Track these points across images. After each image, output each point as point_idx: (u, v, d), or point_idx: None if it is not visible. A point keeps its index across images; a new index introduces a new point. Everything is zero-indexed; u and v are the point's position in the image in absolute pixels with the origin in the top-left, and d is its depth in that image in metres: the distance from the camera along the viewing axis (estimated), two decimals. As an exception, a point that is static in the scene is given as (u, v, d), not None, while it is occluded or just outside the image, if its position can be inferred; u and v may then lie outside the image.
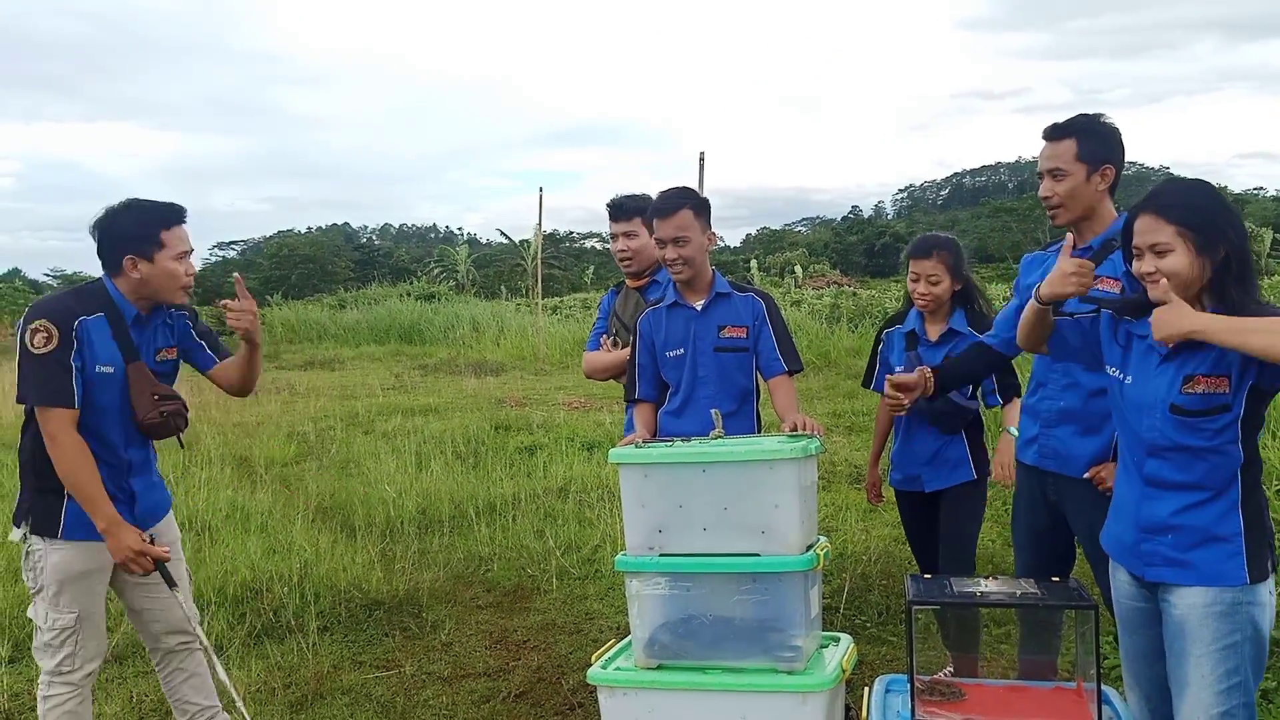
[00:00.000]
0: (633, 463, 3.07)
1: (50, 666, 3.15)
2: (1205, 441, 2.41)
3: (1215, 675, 2.39)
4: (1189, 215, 2.42)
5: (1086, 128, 3.09)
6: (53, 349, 2.97)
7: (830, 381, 13.00)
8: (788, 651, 2.93)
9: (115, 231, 3.13)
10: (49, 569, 3.09)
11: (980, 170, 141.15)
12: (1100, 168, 3.07)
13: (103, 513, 3.02)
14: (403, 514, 6.87)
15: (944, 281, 3.81)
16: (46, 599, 3.12)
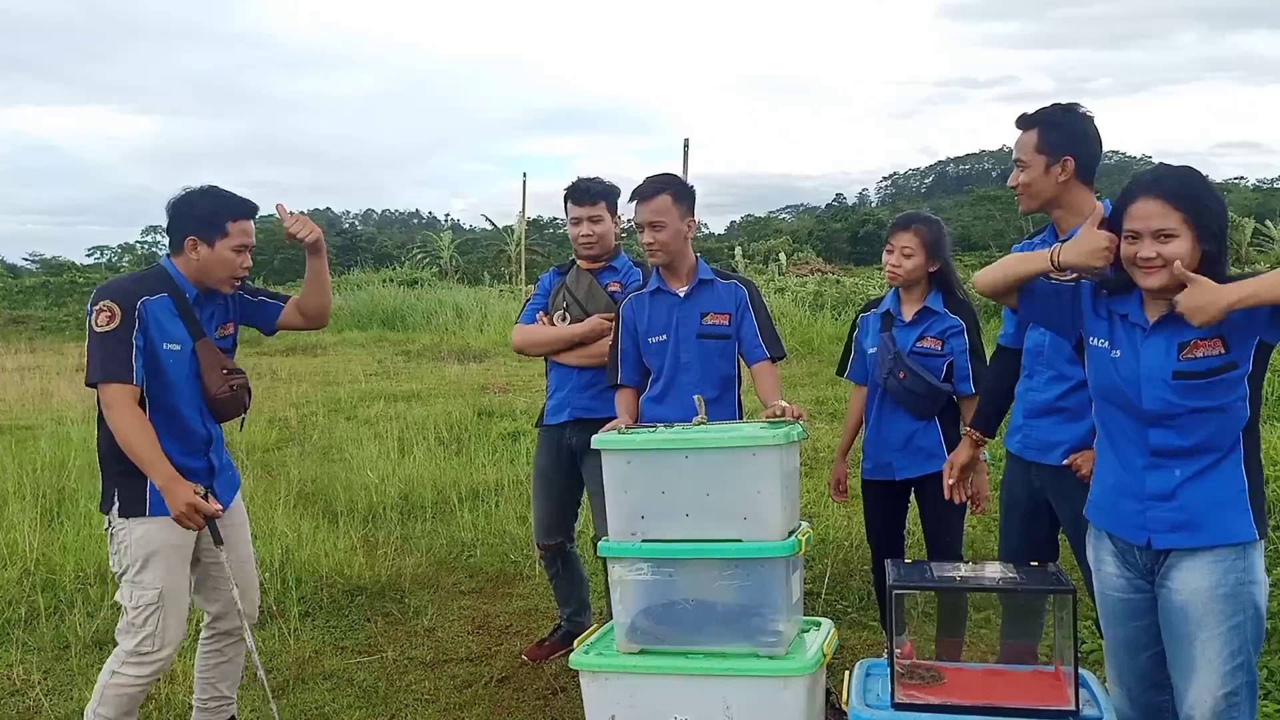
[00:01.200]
0: (616, 449, 3.07)
1: (130, 646, 3.17)
2: (1214, 401, 2.43)
3: (1221, 657, 2.42)
4: (1193, 204, 2.43)
5: (1049, 119, 3.10)
6: (114, 327, 3.04)
7: (813, 368, 13.03)
8: (769, 636, 2.94)
9: (185, 211, 3.22)
10: (134, 544, 3.13)
11: (964, 158, 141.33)
12: (1059, 159, 3.07)
13: (160, 470, 3.06)
14: (385, 500, 6.86)
15: (917, 256, 3.72)
16: (130, 578, 3.16)
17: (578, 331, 4.10)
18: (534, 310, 4.28)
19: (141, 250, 65.68)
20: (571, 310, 4.15)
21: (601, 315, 4.08)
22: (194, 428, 3.24)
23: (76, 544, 5.78)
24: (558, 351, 4.17)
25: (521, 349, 4.34)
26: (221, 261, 3.21)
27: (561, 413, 4.17)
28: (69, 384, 13.53)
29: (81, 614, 4.96)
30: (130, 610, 3.18)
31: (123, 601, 3.20)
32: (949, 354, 3.75)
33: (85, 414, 10.90)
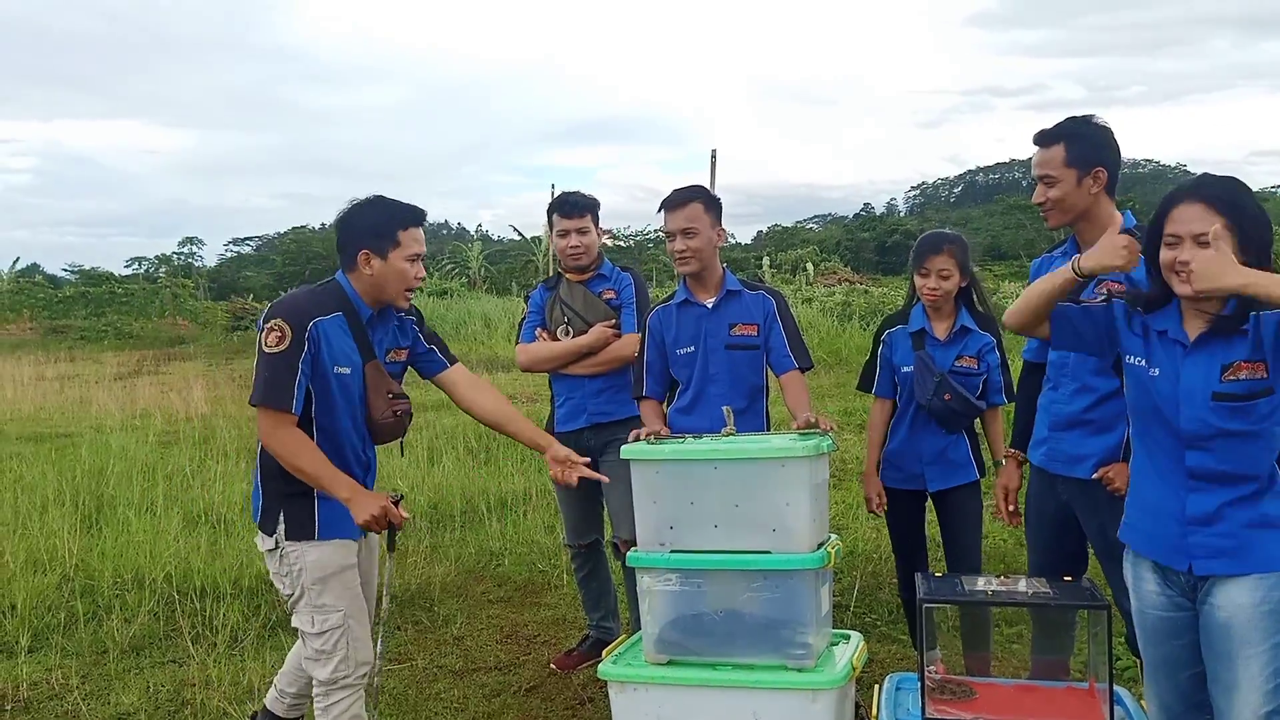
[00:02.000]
0: (645, 459, 3.08)
1: (325, 676, 3.06)
2: (1250, 425, 2.38)
3: (1264, 675, 2.37)
4: (1235, 210, 2.40)
5: (1074, 132, 3.09)
6: (283, 349, 2.93)
7: (841, 379, 12.98)
8: (798, 649, 2.94)
9: (356, 225, 3.11)
10: (309, 568, 3.02)
11: (994, 167, 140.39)
12: (1091, 171, 3.06)
13: (342, 483, 2.98)
14: (414, 509, 6.90)
15: (954, 276, 3.74)
16: (311, 603, 3.05)
17: (585, 342, 4.15)
18: (533, 327, 4.32)
19: (178, 261, 66.36)
20: (574, 324, 4.21)
21: (603, 324, 4.18)
22: (353, 451, 3.16)
23: (115, 550, 5.86)
24: (566, 365, 4.21)
25: (529, 367, 4.34)
26: (397, 273, 3.08)
27: (578, 418, 4.23)
28: (108, 393, 13.71)
29: (119, 619, 5.02)
30: (316, 637, 3.06)
31: (304, 628, 3.08)
32: (984, 370, 3.77)
33: (124, 422, 11.05)
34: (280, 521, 3.03)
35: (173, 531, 6.18)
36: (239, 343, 25.71)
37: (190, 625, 4.90)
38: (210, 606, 5.07)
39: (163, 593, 5.33)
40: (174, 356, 22.61)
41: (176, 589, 5.34)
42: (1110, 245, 2.59)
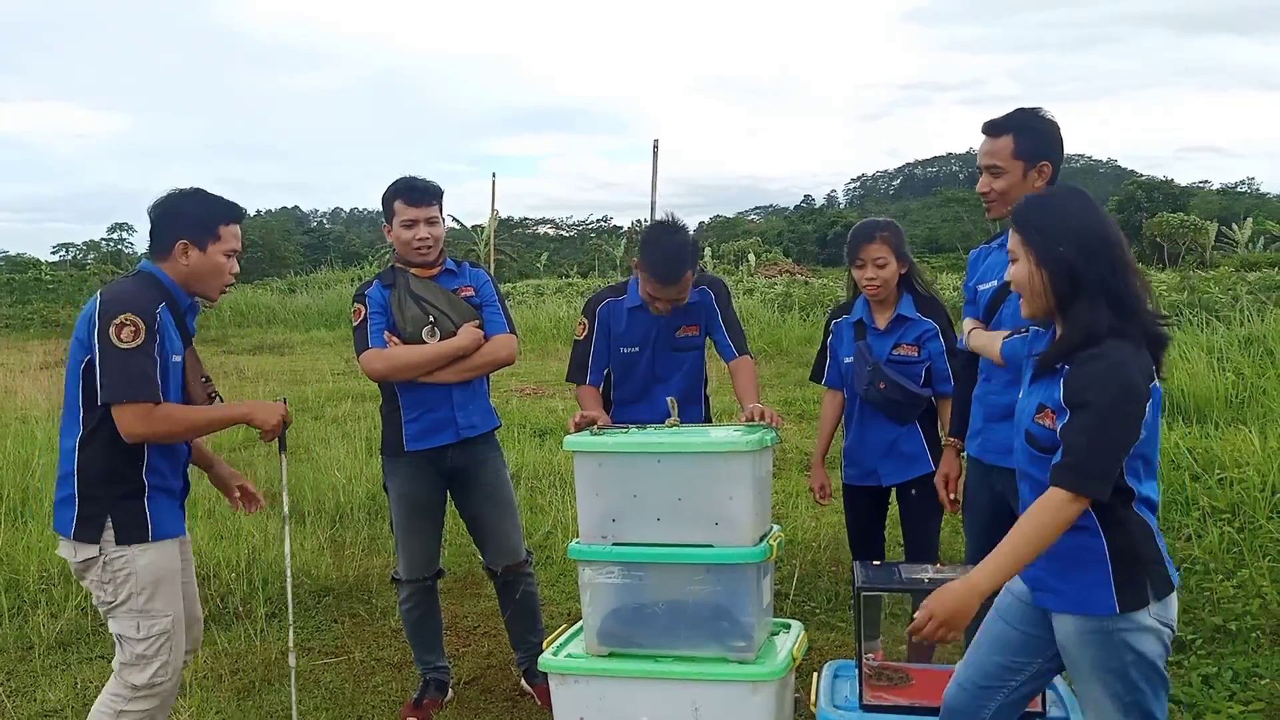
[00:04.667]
0: (588, 450, 3.07)
1: (142, 681, 2.99)
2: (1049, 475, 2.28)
3: (1107, 697, 2.32)
4: (1027, 227, 2.37)
5: (1023, 125, 3.11)
6: (140, 343, 2.87)
7: (781, 369, 13.08)
8: (739, 640, 2.96)
9: (176, 214, 3.08)
10: (140, 573, 2.94)
11: (931, 161, 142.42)
12: (1037, 164, 3.09)
13: (235, 411, 3.15)
14: (352, 500, 6.82)
15: (890, 264, 3.73)
16: (136, 608, 2.97)
17: (458, 345, 3.72)
18: (380, 330, 3.75)
19: (107, 248, 64.88)
20: (441, 324, 3.75)
21: (471, 324, 3.78)
22: (180, 444, 3.11)
23: (41, 544, 5.71)
24: (433, 371, 3.73)
25: (389, 375, 3.73)
26: (214, 267, 3.07)
27: (441, 434, 3.77)
28: (33, 382, 13.35)
29: (45, 614, 4.90)
30: (138, 642, 2.98)
31: (125, 633, 2.99)
32: (926, 359, 3.76)
33: (50, 412, 10.78)
34: (107, 527, 2.93)
35: (102, 524, 6.03)
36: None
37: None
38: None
39: (91, 587, 5.20)
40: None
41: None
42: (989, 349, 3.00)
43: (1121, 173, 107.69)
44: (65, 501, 2.97)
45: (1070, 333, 2.29)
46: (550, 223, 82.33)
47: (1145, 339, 2.28)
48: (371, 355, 3.72)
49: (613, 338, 3.89)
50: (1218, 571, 4.68)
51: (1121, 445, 2.19)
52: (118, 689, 3.02)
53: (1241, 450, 6.03)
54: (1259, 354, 9.05)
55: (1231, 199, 73.06)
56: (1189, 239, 43.64)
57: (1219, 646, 4.08)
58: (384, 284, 3.84)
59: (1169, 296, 14.74)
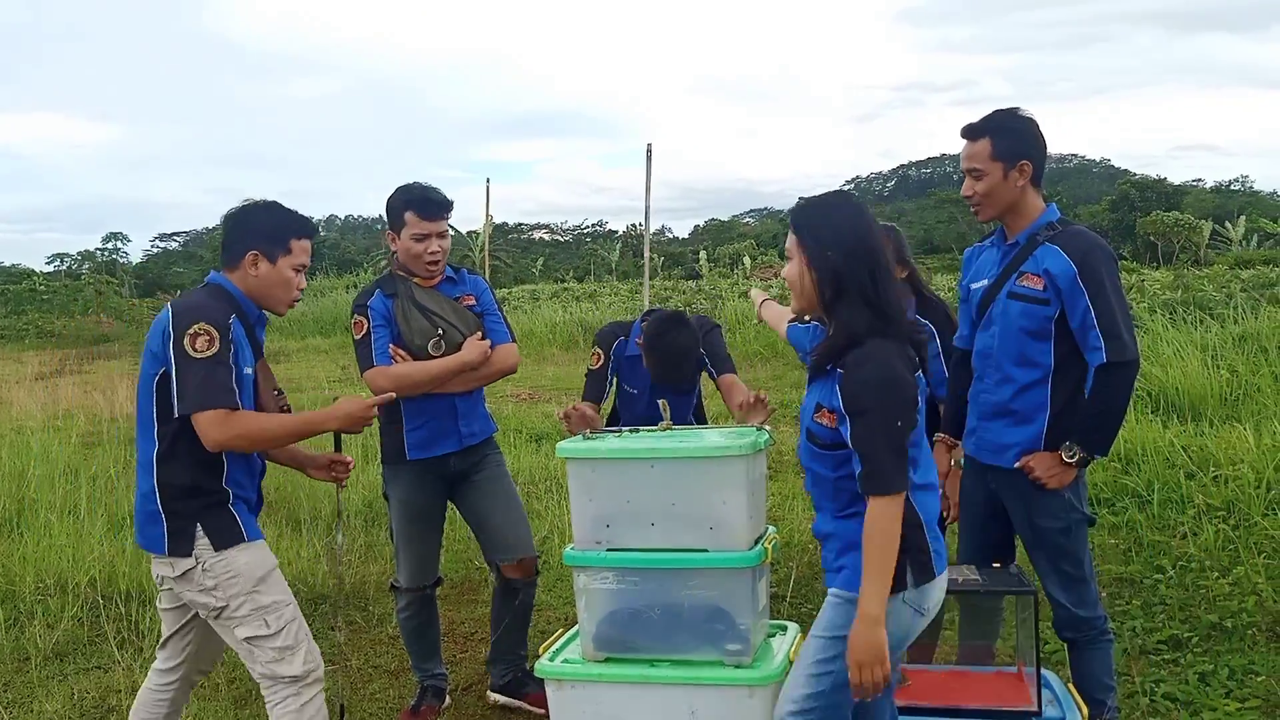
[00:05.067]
0: (581, 456, 3.07)
1: (298, 671, 2.95)
2: (828, 471, 2.46)
3: (813, 659, 2.45)
4: (798, 227, 2.50)
5: (999, 126, 3.13)
6: (216, 351, 2.83)
7: (777, 371, 13.09)
8: (736, 644, 2.95)
9: (249, 225, 3.06)
10: (244, 571, 2.91)
11: (926, 162, 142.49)
12: (1017, 164, 3.10)
13: (322, 413, 3.13)
14: (349, 507, 6.82)
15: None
16: (256, 605, 2.93)
17: (468, 360, 3.67)
18: (386, 346, 3.67)
19: (102, 257, 64.83)
20: (449, 336, 3.71)
21: (474, 336, 3.75)
22: (255, 458, 3.09)
23: (36, 555, 5.71)
24: (442, 385, 3.70)
25: (399, 391, 3.60)
26: (283, 280, 3.04)
27: (443, 443, 3.76)
28: (28, 393, 13.33)
29: (42, 625, 4.89)
30: (273, 637, 2.94)
31: (255, 634, 2.93)
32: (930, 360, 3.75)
33: (45, 423, 10.76)
34: (199, 536, 2.91)
35: (97, 535, 6.02)
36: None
37: (115, 630, 4.79)
38: (136, 611, 4.95)
39: (86, 597, 5.20)
40: (98, 355, 22.06)
41: (101, 593, 5.21)
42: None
43: (1115, 172, 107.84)
44: (151, 518, 2.92)
45: (836, 333, 2.42)
46: (545, 228, 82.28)
47: (908, 341, 2.42)
48: (377, 374, 3.64)
49: (620, 373, 4.14)
50: (1213, 569, 4.69)
51: (904, 434, 2.33)
52: (285, 692, 2.96)
53: (1236, 447, 6.04)
54: (1253, 351, 9.06)
55: (1225, 197, 73.10)
56: (1183, 237, 43.74)
57: (1215, 644, 4.08)
58: (386, 293, 3.75)
59: (1163, 295, 14.75)
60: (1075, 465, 3.02)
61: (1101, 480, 6.12)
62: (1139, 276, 21.47)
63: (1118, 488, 6.00)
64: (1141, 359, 3.24)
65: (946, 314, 3.82)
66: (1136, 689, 3.75)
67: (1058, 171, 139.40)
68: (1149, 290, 15.94)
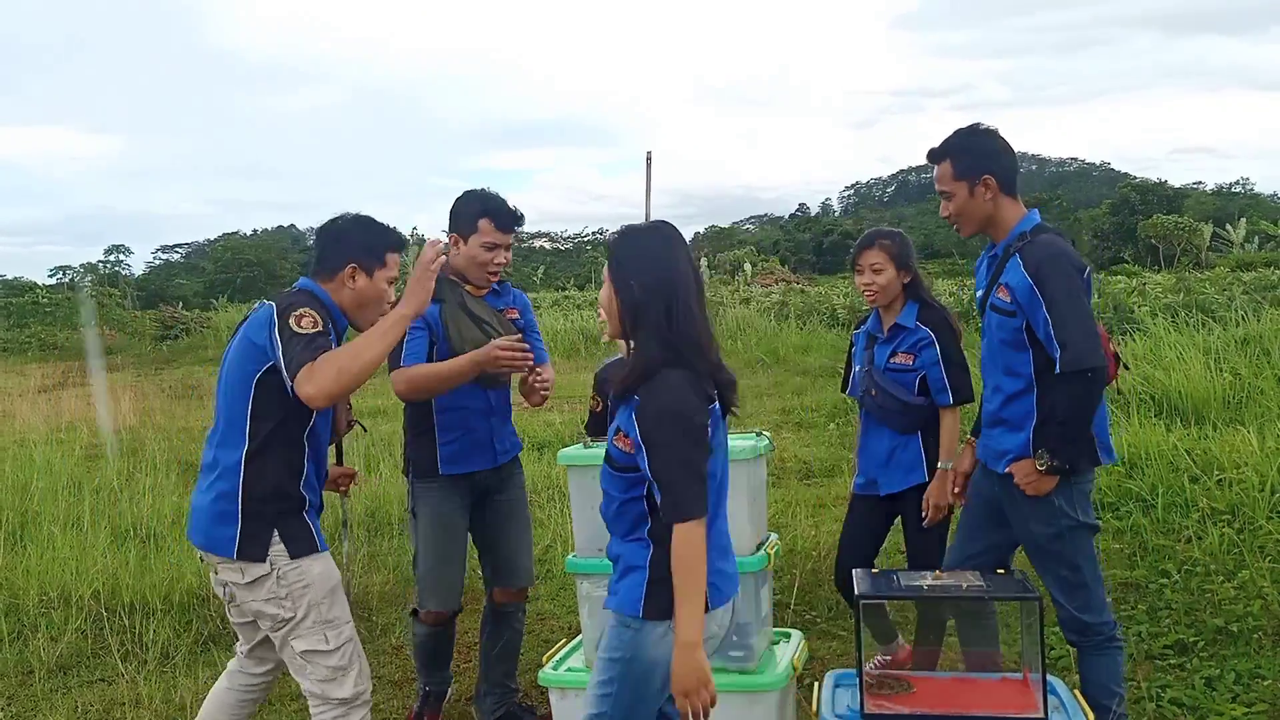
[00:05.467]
0: (581, 464, 3.07)
1: (348, 694, 2.92)
2: (618, 493, 2.46)
3: (595, 680, 2.47)
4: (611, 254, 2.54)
5: (957, 146, 3.19)
6: (320, 329, 2.80)
7: (779, 378, 13.08)
8: (739, 650, 2.95)
9: (347, 238, 3.05)
10: (317, 583, 2.88)
11: (926, 167, 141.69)
12: (980, 179, 3.14)
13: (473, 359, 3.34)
14: (352, 517, 6.80)
15: (887, 270, 3.74)
16: (321, 619, 2.89)
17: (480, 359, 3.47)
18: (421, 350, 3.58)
19: (104, 270, 64.91)
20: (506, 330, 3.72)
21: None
22: (324, 462, 3.09)
23: (40, 568, 5.71)
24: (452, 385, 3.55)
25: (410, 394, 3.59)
26: (377, 293, 3.03)
27: (478, 457, 3.71)
28: (31, 406, 13.35)
29: (45, 638, 4.89)
30: (331, 654, 2.90)
31: (315, 648, 2.89)
32: (920, 368, 3.72)
33: (48, 436, 10.77)
34: (275, 542, 2.86)
35: (100, 547, 6.02)
36: (168, 352, 25.20)
37: (119, 643, 4.79)
38: (140, 623, 4.95)
39: (90, 610, 5.19)
40: (99, 367, 22.09)
41: (105, 606, 5.21)
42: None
43: (1115, 175, 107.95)
44: (223, 519, 2.85)
45: (634, 361, 2.42)
46: (546, 236, 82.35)
47: (711, 379, 2.41)
48: (396, 375, 3.55)
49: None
50: (1218, 573, 4.68)
51: (700, 460, 2.34)
52: (332, 714, 2.92)
53: (1240, 451, 6.03)
54: (1255, 354, 9.05)
55: (1226, 200, 73.17)
56: (1184, 240, 43.71)
57: (1221, 648, 4.07)
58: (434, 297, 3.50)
59: (1165, 298, 14.76)
60: (1050, 473, 3.00)
61: (1106, 485, 6.11)
62: (1140, 280, 21.49)
63: (1122, 492, 5.99)
64: (1142, 362, 3.23)
65: (947, 320, 3.80)
66: (1143, 694, 3.73)
67: (1058, 175, 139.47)
68: (1150, 293, 15.96)
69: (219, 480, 2.87)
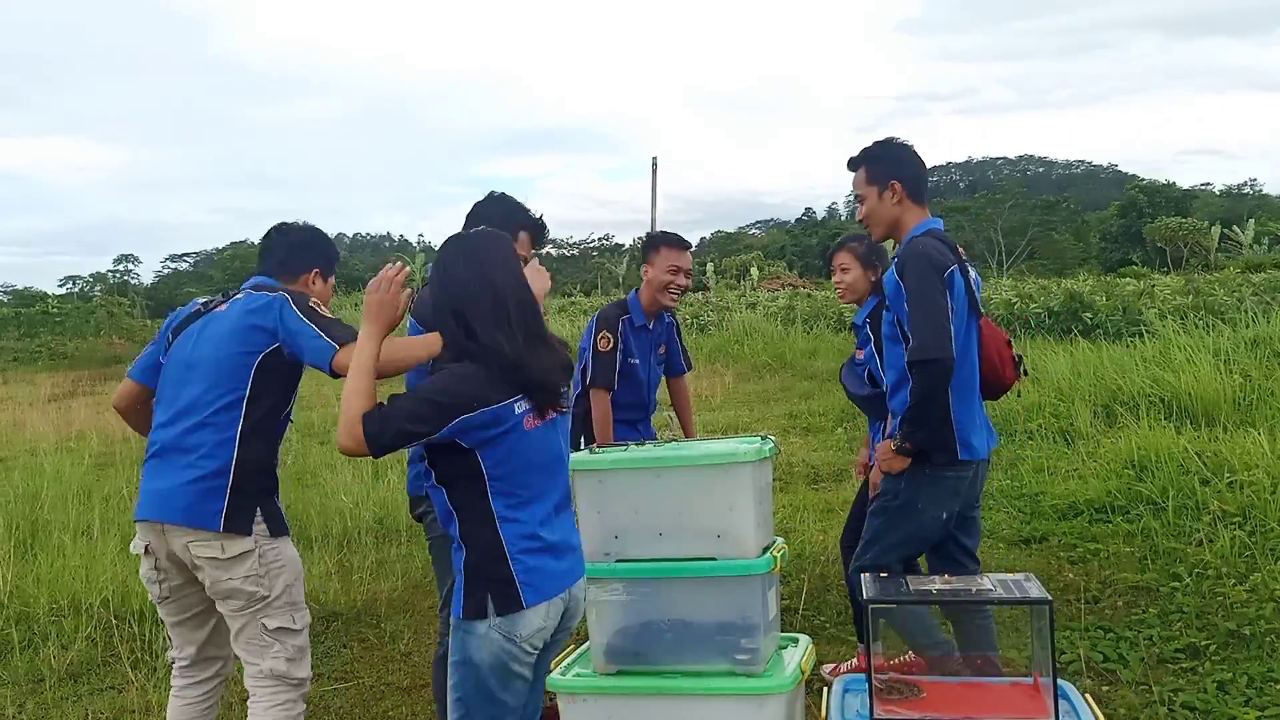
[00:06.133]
0: (588, 468, 3.06)
1: (306, 674, 3.07)
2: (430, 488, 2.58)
3: (449, 685, 2.54)
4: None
5: (869, 155, 3.49)
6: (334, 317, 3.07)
7: (786, 383, 13.06)
8: (746, 654, 2.94)
9: (315, 246, 3.35)
10: (290, 564, 3.01)
11: (931, 170, 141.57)
12: (887, 185, 3.42)
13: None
14: (360, 524, 6.81)
15: (853, 270, 4.12)
16: (291, 600, 3.02)
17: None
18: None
19: (113, 279, 65.15)
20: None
21: None
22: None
23: (50, 576, 5.72)
24: None
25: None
26: (326, 297, 3.29)
27: None
28: (41, 415, 13.40)
29: (56, 646, 4.89)
30: (297, 634, 3.04)
31: (285, 625, 3.01)
32: (866, 360, 4.01)
33: (58, 444, 10.82)
34: (258, 520, 2.96)
35: (110, 555, 6.02)
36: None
37: (129, 651, 4.79)
38: (149, 631, 4.95)
39: (100, 618, 5.20)
40: (110, 376, 22.15)
41: (114, 614, 5.21)
42: None
43: (1123, 177, 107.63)
44: (210, 494, 2.91)
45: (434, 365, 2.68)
46: (551, 242, 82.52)
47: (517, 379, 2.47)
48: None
49: (624, 350, 4.47)
50: (1230, 576, 4.66)
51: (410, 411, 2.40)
52: (286, 695, 3.01)
53: (1251, 453, 6.00)
54: (1266, 355, 9.02)
55: (1234, 201, 72.96)
56: (1192, 242, 43.56)
57: (1233, 652, 4.04)
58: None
59: (1174, 300, 14.71)
60: (900, 454, 3.26)
61: (1116, 488, 6.09)
62: (1149, 282, 21.42)
63: (1132, 495, 5.96)
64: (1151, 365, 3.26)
65: None
66: (1155, 698, 3.71)
67: (1065, 178, 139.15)
68: (1159, 295, 15.90)
69: (204, 460, 2.93)
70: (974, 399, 3.38)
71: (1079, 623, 4.41)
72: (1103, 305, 14.17)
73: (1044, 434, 8.12)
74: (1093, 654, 4.11)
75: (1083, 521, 5.89)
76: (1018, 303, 15.62)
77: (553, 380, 2.53)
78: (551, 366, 2.53)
